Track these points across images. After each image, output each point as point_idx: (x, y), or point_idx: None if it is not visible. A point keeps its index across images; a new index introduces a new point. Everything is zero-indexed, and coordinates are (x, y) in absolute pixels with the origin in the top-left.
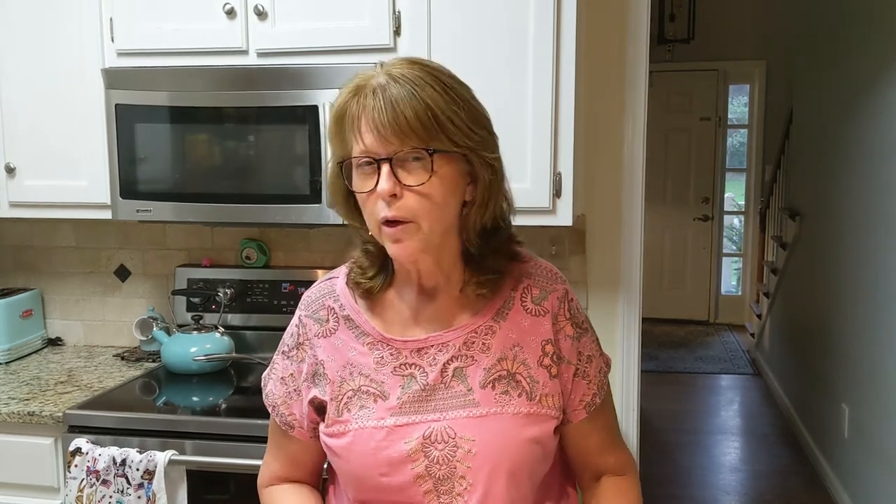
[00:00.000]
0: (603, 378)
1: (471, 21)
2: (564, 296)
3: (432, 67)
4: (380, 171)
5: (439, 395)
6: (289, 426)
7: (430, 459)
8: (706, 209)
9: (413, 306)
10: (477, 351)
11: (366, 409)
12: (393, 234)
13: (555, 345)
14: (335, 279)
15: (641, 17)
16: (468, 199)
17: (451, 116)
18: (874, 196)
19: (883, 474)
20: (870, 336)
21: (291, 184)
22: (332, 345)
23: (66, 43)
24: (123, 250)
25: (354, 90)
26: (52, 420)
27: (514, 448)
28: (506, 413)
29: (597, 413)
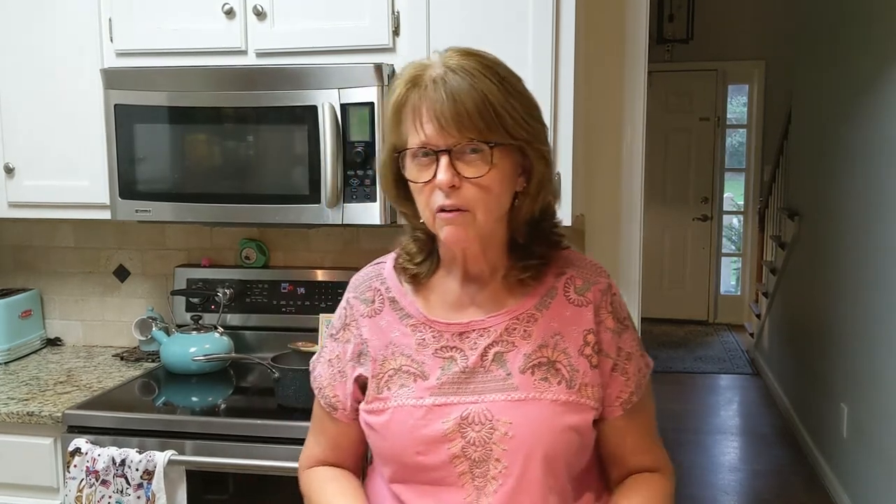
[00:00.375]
0: (642, 378)
1: (470, 21)
2: (607, 289)
3: (488, 59)
4: (438, 161)
5: (478, 378)
6: (332, 408)
7: (466, 440)
8: (705, 209)
9: (457, 291)
10: (518, 337)
11: (405, 387)
12: (448, 219)
13: (596, 335)
14: (383, 263)
15: (640, 17)
16: (519, 190)
17: (509, 109)
18: (873, 196)
19: (882, 474)
20: (869, 336)
21: (290, 184)
22: (377, 325)
23: (65, 43)
24: (123, 250)
25: (412, 80)
26: (51, 420)
27: (550, 434)
28: (544, 399)
29: (634, 412)
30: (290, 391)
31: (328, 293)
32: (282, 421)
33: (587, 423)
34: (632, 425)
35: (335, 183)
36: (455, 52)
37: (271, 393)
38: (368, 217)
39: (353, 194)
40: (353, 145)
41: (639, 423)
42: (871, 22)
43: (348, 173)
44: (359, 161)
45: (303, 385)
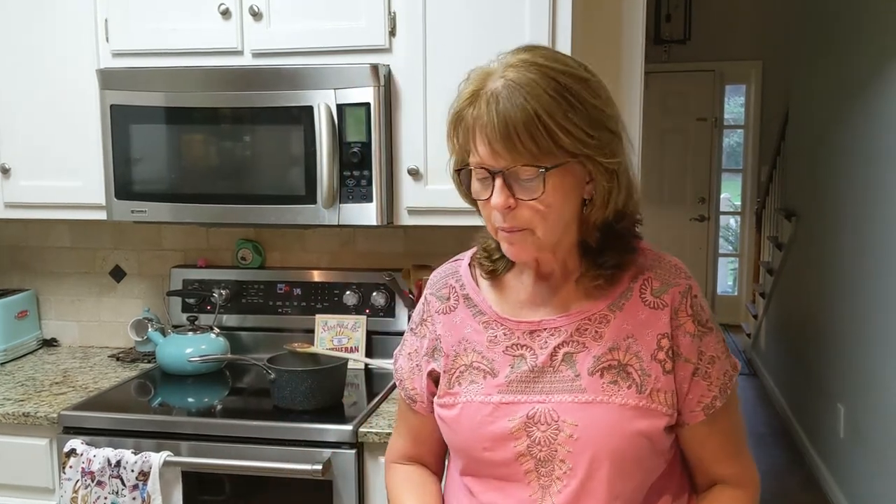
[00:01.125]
0: (727, 382)
1: (466, 22)
2: (687, 291)
3: (550, 67)
4: (494, 182)
5: (547, 377)
6: (412, 400)
7: (531, 439)
8: (702, 209)
9: (530, 290)
10: (588, 338)
11: (475, 384)
12: (508, 238)
13: (672, 340)
14: (460, 261)
15: (637, 18)
16: (587, 198)
17: (566, 125)
18: (869, 196)
19: (878, 473)
20: (865, 336)
21: (287, 184)
22: (451, 321)
23: (62, 43)
24: (118, 251)
25: (472, 96)
26: (47, 421)
27: (617, 438)
28: (612, 403)
29: (717, 417)
30: (285, 392)
31: (324, 294)
32: (277, 422)
33: (658, 430)
34: (715, 431)
35: (331, 183)
36: (519, 58)
37: (267, 394)
38: (364, 217)
39: (349, 195)
40: (350, 146)
41: (722, 429)
42: (867, 22)
43: (344, 174)
44: (355, 161)
45: (298, 386)
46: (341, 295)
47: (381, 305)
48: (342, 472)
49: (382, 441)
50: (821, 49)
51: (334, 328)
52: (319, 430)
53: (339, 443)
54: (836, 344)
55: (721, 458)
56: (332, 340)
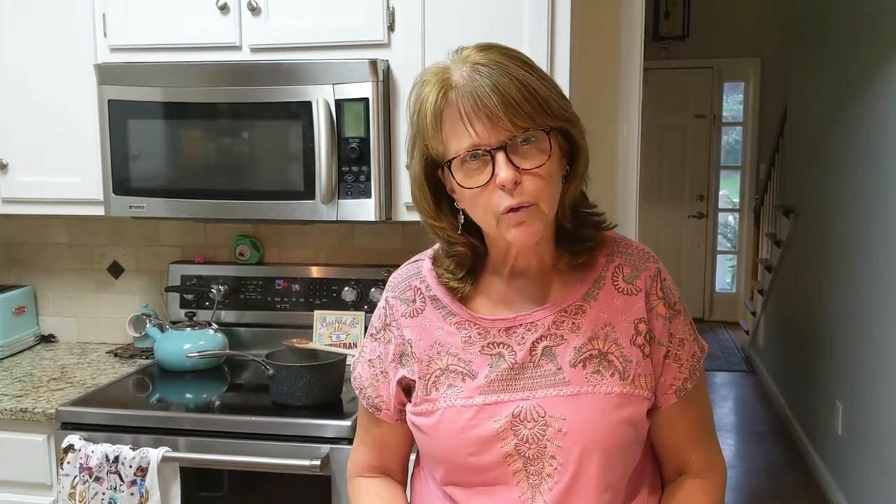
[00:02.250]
0: (696, 364)
1: (465, 17)
2: (657, 274)
3: (507, 49)
4: (493, 161)
5: (528, 373)
6: (376, 408)
7: (519, 438)
8: (701, 207)
9: (502, 288)
10: (566, 330)
11: (454, 387)
12: (517, 218)
13: (647, 324)
14: (421, 262)
15: (636, 15)
16: (564, 174)
17: (549, 92)
18: (868, 193)
19: (875, 471)
20: (863, 333)
21: (285, 180)
22: (420, 324)
23: (59, 38)
24: (116, 247)
25: (441, 86)
26: (44, 417)
27: (606, 429)
28: (598, 393)
29: (687, 400)
30: (284, 388)
31: (323, 290)
32: (276, 418)
33: (642, 415)
34: (686, 414)
35: (330, 179)
36: (469, 49)
37: (265, 390)
38: (363, 213)
39: (347, 190)
40: (348, 141)
41: (692, 412)
42: (865, 19)
43: (343, 169)
44: (353, 157)
45: (297, 382)
46: (340, 291)
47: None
48: (340, 468)
49: None
50: (819, 46)
51: (333, 324)
52: (318, 425)
53: (338, 438)
54: (834, 341)
55: (690, 442)
56: (331, 336)
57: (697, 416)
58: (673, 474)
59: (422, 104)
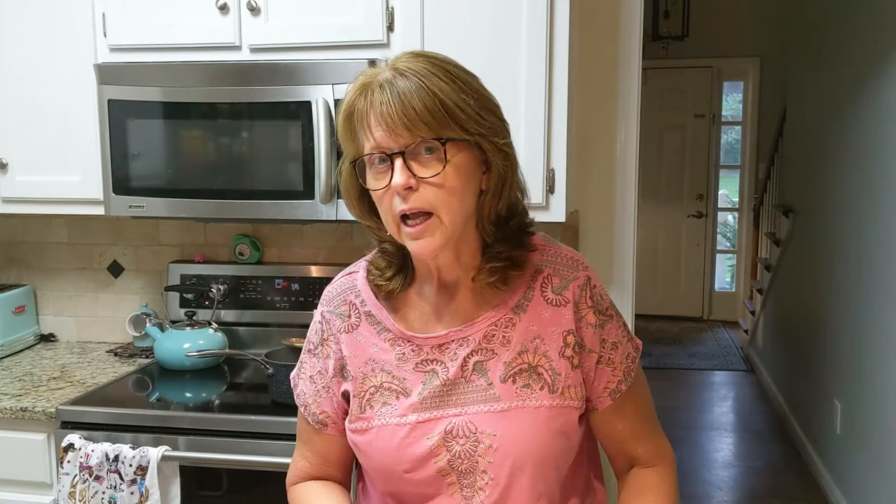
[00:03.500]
0: (630, 364)
1: (464, 17)
2: (586, 283)
3: (438, 58)
4: (393, 166)
5: (460, 389)
6: (322, 424)
7: (451, 454)
8: (700, 206)
9: (433, 302)
10: (497, 344)
11: (388, 405)
12: (413, 233)
13: (576, 334)
14: (355, 274)
15: (635, 14)
16: (483, 189)
17: (460, 104)
18: (867, 193)
19: (874, 470)
20: (862, 332)
21: (285, 179)
22: (355, 340)
23: (59, 38)
24: (116, 246)
25: (361, 88)
26: (44, 416)
27: (537, 442)
28: (528, 407)
29: (624, 400)
30: (283, 387)
31: (322, 289)
32: (275, 417)
33: (573, 424)
34: (623, 414)
35: (329, 179)
36: (405, 55)
37: (265, 389)
38: None
39: None
40: None
41: (631, 410)
42: (865, 19)
43: None
44: None
45: None
46: None
47: None
48: None
49: None
50: (819, 46)
51: None
52: None
53: None
54: (833, 341)
55: (634, 438)
56: None
57: (636, 412)
58: (623, 467)
59: (342, 103)
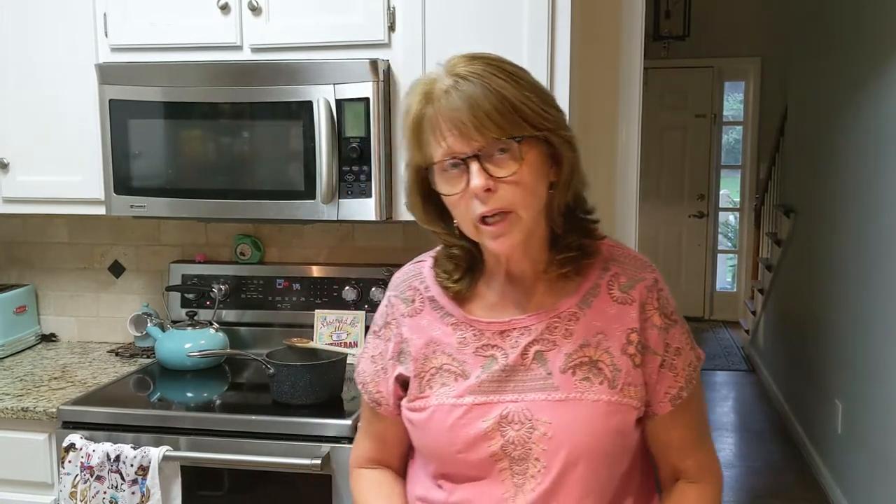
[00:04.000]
0: (692, 373)
1: (465, 17)
2: (654, 285)
3: (492, 58)
4: (468, 169)
5: (518, 376)
6: (377, 403)
7: (505, 439)
8: (701, 206)
9: (499, 292)
10: (559, 336)
11: (446, 386)
12: (494, 232)
13: (640, 334)
14: (422, 262)
15: (636, 14)
16: (552, 181)
17: (525, 101)
18: (868, 193)
19: (875, 470)
20: (863, 332)
21: (286, 179)
22: (418, 324)
23: (60, 38)
24: (117, 246)
25: (424, 96)
26: (46, 416)
27: (592, 435)
28: (585, 399)
29: (682, 408)
30: (284, 387)
31: (323, 289)
32: (277, 417)
33: (630, 424)
34: (680, 421)
35: (330, 179)
36: (458, 58)
37: (266, 389)
38: (364, 213)
39: (348, 190)
40: (349, 141)
41: (687, 419)
42: (866, 18)
43: (343, 169)
44: (354, 157)
45: (297, 381)
46: (340, 290)
47: (380, 301)
48: (341, 467)
49: None
50: (820, 46)
51: (333, 323)
52: (318, 424)
53: (338, 437)
54: (834, 340)
55: (685, 448)
56: (331, 335)
57: (692, 423)
58: (669, 479)
59: (405, 114)
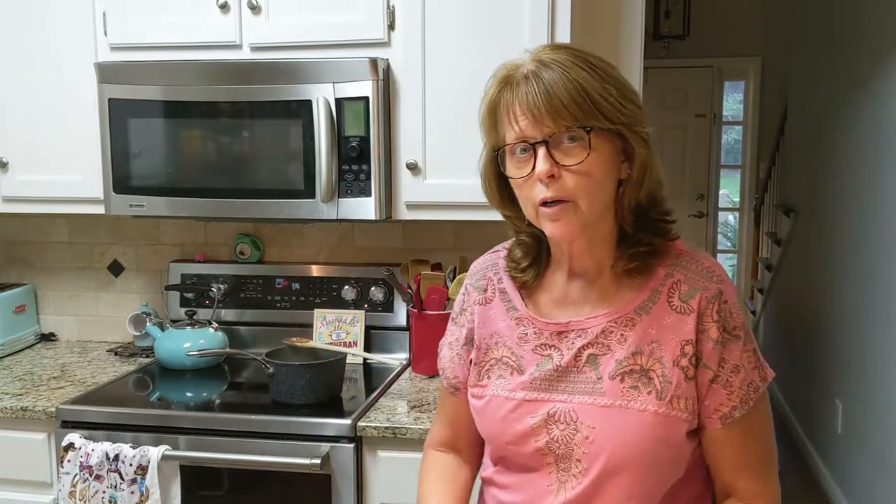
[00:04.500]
0: (751, 393)
1: (465, 16)
2: (717, 296)
3: (578, 49)
4: (536, 154)
5: (570, 378)
6: (454, 388)
7: (550, 437)
8: (701, 206)
9: (562, 290)
10: (613, 341)
11: (502, 378)
12: (551, 214)
13: (695, 346)
14: (499, 252)
15: (636, 14)
16: (623, 178)
17: (603, 94)
18: (868, 192)
19: (875, 469)
20: (863, 332)
21: (285, 178)
22: (486, 314)
23: (59, 37)
24: (117, 245)
25: (505, 80)
26: (45, 415)
27: (636, 444)
28: (631, 408)
29: (737, 426)
30: (284, 386)
31: (323, 288)
32: (276, 416)
33: (679, 435)
34: (732, 440)
35: (330, 178)
36: (546, 47)
37: (265, 388)
38: (363, 212)
39: (347, 189)
40: (348, 140)
41: (740, 438)
42: (866, 18)
43: (343, 168)
44: (354, 156)
45: (297, 381)
46: (340, 290)
47: (380, 300)
48: (340, 466)
49: (381, 435)
50: (820, 45)
51: (333, 323)
52: (318, 424)
53: (338, 437)
54: (834, 340)
55: (736, 468)
56: (331, 335)
57: (747, 444)
58: (721, 494)
59: (483, 96)
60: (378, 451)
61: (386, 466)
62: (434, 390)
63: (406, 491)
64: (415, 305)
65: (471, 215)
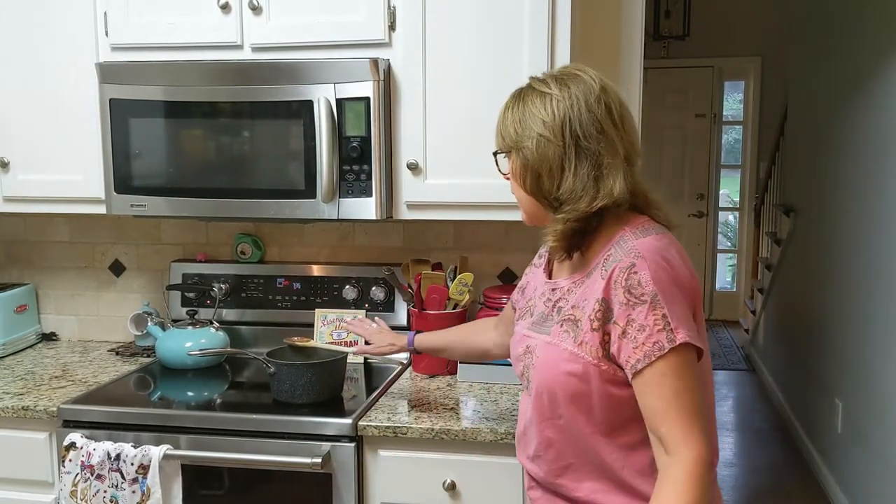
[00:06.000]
0: (657, 351)
1: (465, 16)
2: (628, 267)
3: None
4: None
5: (546, 322)
6: (512, 303)
7: (524, 364)
8: (701, 206)
9: (557, 265)
10: (570, 296)
11: (522, 319)
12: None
13: (603, 304)
14: None
15: (636, 14)
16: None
17: (506, 125)
18: (868, 192)
19: (875, 468)
20: (863, 332)
21: (286, 178)
22: (534, 273)
23: (60, 37)
24: (118, 245)
25: None
26: (46, 415)
27: (552, 374)
28: (560, 346)
29: (644, 377)
30: (285, 386)
31: (323, 288)
32: (277, 416)
33: (586, 372)
34: (647, 390)
35: (331, 178)
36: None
37: (266, 388)
38: (364, 212)
39: (348, 189)
40: (349, 140)
41: (656, 388)
42: (866, 17)
43: (344, 168)
44: (354, 156)
45: (298, 380)
46: (341, 289)
47: (381, 300)
48: (341, 466)
49: (381, 434)
50: (820, 45)
51: (333, 322)
52: (319, 423)
53: (339, 436)
54: (834, 340)
55: (656, 416)
56: (332, 334)
57: (660, 394)
58: (655, 444)
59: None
60: (379, 451)
61: (387, 466)
62: (434, 390)
63: (407, 490)
64: (415, 305)
65: (471, 215)
